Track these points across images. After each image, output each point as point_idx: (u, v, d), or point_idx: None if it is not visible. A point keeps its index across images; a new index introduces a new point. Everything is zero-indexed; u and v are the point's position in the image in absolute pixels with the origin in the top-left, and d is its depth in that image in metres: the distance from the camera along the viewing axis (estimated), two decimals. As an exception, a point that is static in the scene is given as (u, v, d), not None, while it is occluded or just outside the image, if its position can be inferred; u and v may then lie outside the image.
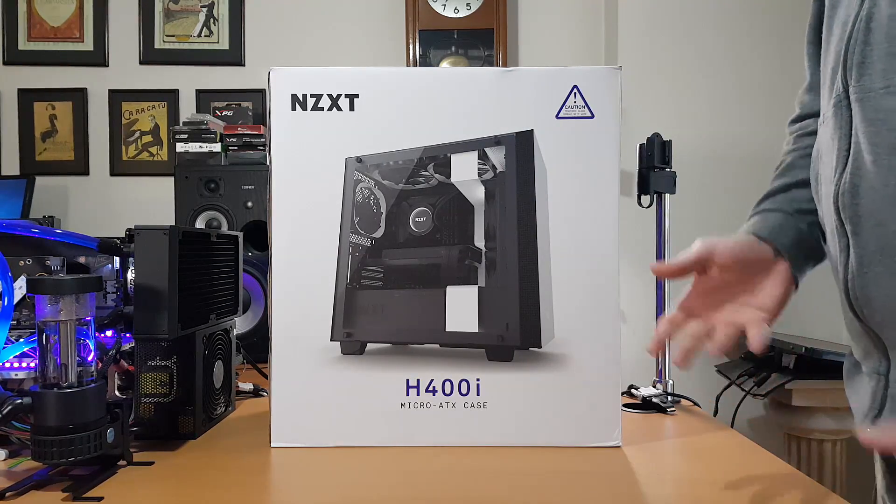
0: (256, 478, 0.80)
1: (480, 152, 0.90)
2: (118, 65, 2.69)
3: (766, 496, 0.74)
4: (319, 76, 0.91)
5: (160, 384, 0.91)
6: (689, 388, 1.22)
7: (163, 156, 2.69)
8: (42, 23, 2.68)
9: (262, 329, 1.46)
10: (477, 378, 0.90)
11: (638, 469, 0.82)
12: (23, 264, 0.92)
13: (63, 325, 0.75)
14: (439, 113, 0.90)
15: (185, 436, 0.92)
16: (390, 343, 0.91)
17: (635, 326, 1.83)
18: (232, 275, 1.11)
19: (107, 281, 0.93)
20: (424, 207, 0.92)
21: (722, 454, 0.89)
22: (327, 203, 0.91)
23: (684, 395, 1.16)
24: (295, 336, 0.90)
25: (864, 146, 0.62)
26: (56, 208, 2.65)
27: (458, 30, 2.54)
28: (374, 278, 0.91)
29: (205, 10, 2.69)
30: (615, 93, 0.90)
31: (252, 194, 2.10)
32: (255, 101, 2.68)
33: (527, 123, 0.90)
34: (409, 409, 0.91)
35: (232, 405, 1.08)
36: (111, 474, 0.79)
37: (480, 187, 0.91)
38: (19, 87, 2.68)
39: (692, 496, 0.75)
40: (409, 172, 0.91)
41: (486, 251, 0.90)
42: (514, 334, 0.89)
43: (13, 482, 0.75)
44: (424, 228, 0.92)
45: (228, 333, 1.07)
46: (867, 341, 0.68)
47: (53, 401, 0.73)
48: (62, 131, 2.69)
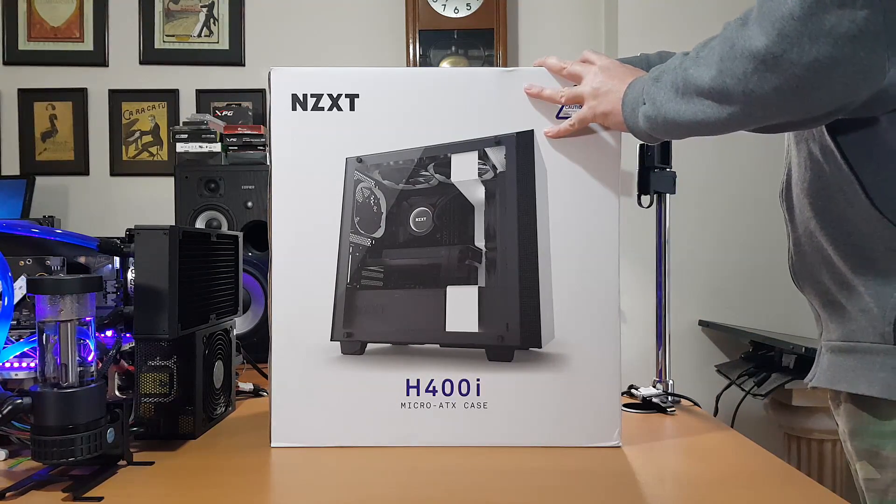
0: (256, 478, 0.80)
1: (480, 152, 0.90)
2: (118, 65, 2.69)
3: (766, 496, 0.74)
4: (320, 76, 0.91)
5: (160, 384, 0.91)
6: (689, 388, 1.22)
7: (163, 156, 2.69)
8: (42, 23, 2.68)
9: (262, 329, 1.46)
10: (477, 378, 0.90)
11: (638, 469, 0.82)
12: (23, 264, 0.92)
13: (63, 325, 0.75)
14: (439, 113, 0.90)
15: (185, 436, 0.92)
16: (390, 343, 0.91)
17: (635, 326, 1.83)
18: (232, 275, 1.11)
19: (107, 281, 0.93)
20: (425, 207, 0.92)
21: (722, 454, 0.89)
22: (327, 203, 0.91)
23: (684, 395, 1.16)
24: (295, 336, 0.90)
25: (792, 149, 0.80)
26: (56, 208, 2.65)
27: (458, 30, 2.54)
28: (374, 278, 0.91)
29: (205, 10, 2.68)
30: (615, 93, 0.90)
31: (252, 194, 2.10)
32: (255, 101, 2.68)
33: (527, 123, 0.90)
34: (409, 409, 0.90)
35: (232, 405, 1.08)
36: (111, 474, 0.79)
37: (481, 187, 0.91)
38: (19, 87, 2.68)
39: (692, 496, 0.75)
40: (409, 172, 0.91)
41: (486, 251, 0.90)
42: (514, 334, 0.89)
43: (13, 482, 0.75)
44: (424, 228, 0.92)
45: (228, 333, 1.07)
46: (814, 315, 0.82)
47: (53, 401, 0.73)
48: (62, 131, 2.68)
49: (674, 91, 0.72)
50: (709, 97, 0.68)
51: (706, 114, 0.69)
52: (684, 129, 0.74)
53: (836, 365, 0.75)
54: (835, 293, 0.74)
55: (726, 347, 2.21)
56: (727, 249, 2.20)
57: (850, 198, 0.69)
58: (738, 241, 2.19)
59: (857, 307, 0.71)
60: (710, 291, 2.20)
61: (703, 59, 0.69)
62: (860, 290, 0.70)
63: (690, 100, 0.70)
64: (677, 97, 0.72)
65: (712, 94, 0.68)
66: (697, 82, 0.69)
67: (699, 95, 0.69)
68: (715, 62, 0.67)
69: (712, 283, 2.20)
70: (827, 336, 0.77)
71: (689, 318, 2.20)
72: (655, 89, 0.75)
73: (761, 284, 2.17)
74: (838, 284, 0.73)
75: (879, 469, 0.71)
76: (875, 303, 0.68)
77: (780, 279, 1.33)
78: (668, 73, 0.74)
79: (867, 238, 0.69)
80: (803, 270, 0.79)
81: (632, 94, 0.79)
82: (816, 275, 0.77)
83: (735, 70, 0.64)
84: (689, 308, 2.19)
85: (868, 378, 0.70)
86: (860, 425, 0.74)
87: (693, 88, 0.70)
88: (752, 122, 0.69)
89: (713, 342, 2.23)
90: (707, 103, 0.69)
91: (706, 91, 0.68)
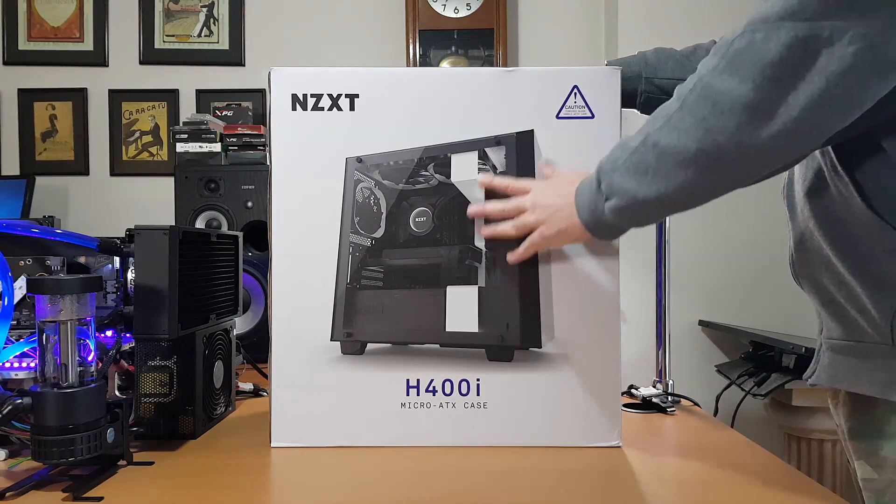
0: (256, 478, 0.80)
1: (480, 152, 0.90)
2: (118, 65, 2.69)
3: (766, 496, 0.74)
4: (319, 76, 0.91)
5: (160, 384, 0.91)
6: (689, 388, 1.22)
7: (163, 156, 2.69)
8: (42, 23, 2.68)
9: (262, 329, 1.46)
10: (477, 378, 0.90)
11: (638, 469, 0.82)
12: (23, 264, 0.92)
13: (63, 325, 0.75)
14: (439, 113, 0.90)
15: (185, 436, 0.92)
16: (390, 343, 0.91)
17: (635, 326, 1.83)
18: (232, 275, 1.11)
19: (107, 281, 0.93)
20: (424, 207, 0.92)
21: (722, 454, 0.89)
22: (327, 203, 0.91)
23: (684, 395, 1.16)
24: (295, 336, 0.90)
25: None
26: (56, 208, 2.65)
27: (458, 30, 2.54)
28: (374, 278, 0.91)
29: (205, 10, 2.68)
30: (615, 93, 0.90)
31: (252, 194, 2.10)
32: (255, 101, 2.68)
33: (527, 123, 0.90)
34: (409, 409, 0.90)
35: (232, 405, 1.08)
36: (111, 474, 0.79)
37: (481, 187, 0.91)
38: (19, 87, 2.68)
39: (692, 496, 0.75)
40: (409, 172, 0.91)
41: (486, 251, 0.90)
42: (514, 334, 0.89)
43: (13, 482, 0.75)
44: (424, 228, 0.92)
45: (228, 333, 1.07)
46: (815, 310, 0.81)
47: (53, 401, 0.73)
48: (62, 131, 2.68)
49: (643, 173, 0.69)
50: (696, 163, 0.65)
51: (695, 182, 0.66)
52: (668, 206, 0.71)
53: (837, 363, 0.75)
54: (834, 293, 0.74)
55: (726, 347, 2.21)
56: (727, 249, 2.20)
57: (846, 199, 0.69)
58: (738, 241, 2.19)
59: (856, 307, 0.71)
60: (710, 291, 2.20)
61: (676, 126, 0.65)
62: (858, 290, 0.70)
63: (669, 174, 0.67)
64: (649, 177, 0.68)
65: (700, 157, 0.64)
66: (678, 151, 0.65)
67: (682, 166, 0.66)
68: (695, 125, 0.64)
69: (712, 283, 2.20)
70: (827, 333, 0.77)
71: (689, 318, 2.20)
72: (617, 180, 0.71)
73: (761, 284, 2.17)
74: (837, 284, 0.73)
75: (877, 469, 0.71)
76: (873, 304, 0.68)
77: (780, 279, 1.33)
78: (625, 161, 0.70)
79: (864, 239, 0.68)
80: (803, 268, 0.79)
81: (585, 197, 0.76)
82: (816, 274, 0.76)
83: (726, 126, 0.62)
84: (689, 308, 2.19)
85: (869, 378, 0.70)
86: (859, 424, 0.74)
87: (672, 161, 0.66)
88: (748, 178, 0.66)
89: (713, 342, 2.23)
90: (694, 170, 0.65)
91: (692, 156, 0.65)
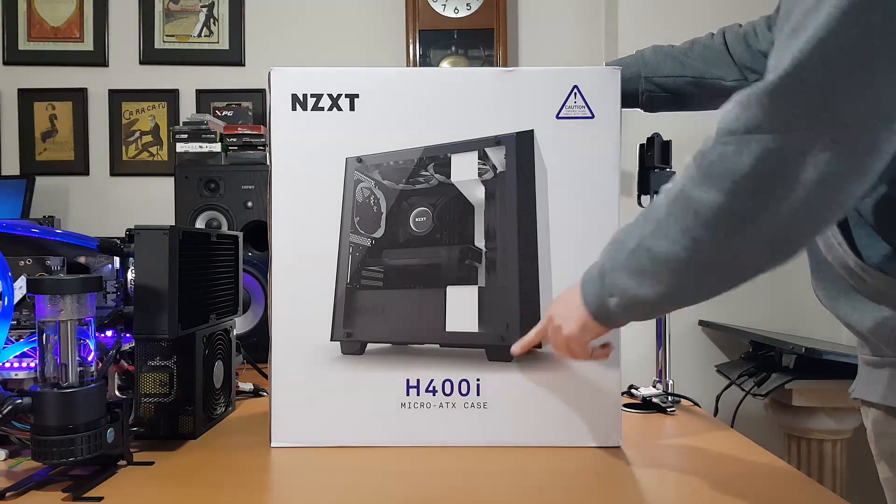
0: (256, 478, 0.80)
1: (480, 152, 0.90)
2: (118, 65, 2.69)
3: (766, 496, 0.74)
4: (319, 76, 0.91)
5: (160, 384, 0.91)
6: (689, 388, 1.22)
7: (163, 156, 2.68)
8: (42, 23, 2.68)
9: (262, 329, 1.46)
10: (477, 378, 0.90)
11: (638, 469, 0.82)
12: (23, 264, 0.92)
13: (63, 325, 0.75)
14: (439, 113, 0.90)
15: (185, 436, 0.92)
16: (390, 343, 0.91)
17: (635, 326, 1.83)
18: (232, 275, 1.11)
19: (107, 281, 0.93)
20: (424, 207, 0.92)
21: (722, 454, 0.89)
22: (327, 203, 0.91)
23: (684, 395, 1.16)
24: (295, 336, 0.90)
25: None
26: (56, 208, 2.65)
27: (458, 30, 2.54)
28: (374, 278, 0.91)
29: (205, 10, 2.68)
30: (615, 93, 0.90)
31: (252, 194, 2.10)
32: (255, 101, 2.67)
33: (527, 123, 0.90)
34: (409, 409, 0.90)
35: (232, 405, 1.08)
36: (111, 474, 0.79)
37: (480, 187, 0.91)
38: (19, 87, 2.68)
39: (692, 496, 0.75)
40: (409, 172, 0.91)
41: (486, 251, 0.90)
42: (514, 334, 0.89)
43: (13, 482, 0.75)
44: (424, 228, 0.92)
45: (228, 333, 1.07)
46: None
47: (53, 401, 0.73)
48: (62, 131, 2.68)
49: (641, 276, 0.66)
50: (689, 269, 0.63)
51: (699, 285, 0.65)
52: (675, 304, 0.69)
53: (869, 378, 0.75)
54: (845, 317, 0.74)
55: (726, 347, 2.21)
56: (727, 249, 2.20)
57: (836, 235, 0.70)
58: (738, 241, 2.19)
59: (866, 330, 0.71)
60: (710, 291, 2.20)
61: (666, 234, 0.62)
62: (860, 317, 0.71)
63: (666, 279, 0.64)
64: (648, 279, 0.65)
65: (693, 265, 0.62)
66: (670, 259, 0.63)
67: (678, 272, 0.63)
68: (682, 234, 0.61)
69: (712, 283, 2.20)
70: (861, 350, 0.77)
71: (689, 318, 2.20)
72: (618, 280, 0.69)
73: (761, 284, 2.15)
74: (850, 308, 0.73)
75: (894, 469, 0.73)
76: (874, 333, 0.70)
77: (780, 279, 1.33)
78: (625, 262, 0.67)
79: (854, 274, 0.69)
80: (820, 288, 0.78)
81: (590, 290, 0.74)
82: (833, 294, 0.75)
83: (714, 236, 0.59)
84: (689, 308, 2.19)
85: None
86: (884, 429, 0.74)
87: (666, 267, 0.63)
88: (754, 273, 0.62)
89: (713, 342, 2.23)
90: (692, 276, 0.63)
91: (685, 264, 0.62)
